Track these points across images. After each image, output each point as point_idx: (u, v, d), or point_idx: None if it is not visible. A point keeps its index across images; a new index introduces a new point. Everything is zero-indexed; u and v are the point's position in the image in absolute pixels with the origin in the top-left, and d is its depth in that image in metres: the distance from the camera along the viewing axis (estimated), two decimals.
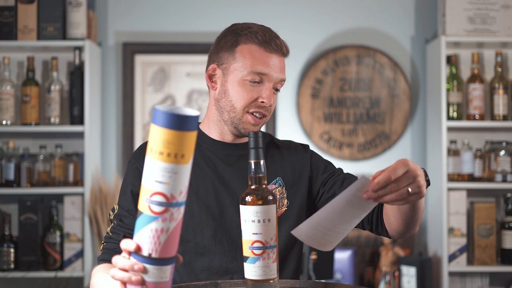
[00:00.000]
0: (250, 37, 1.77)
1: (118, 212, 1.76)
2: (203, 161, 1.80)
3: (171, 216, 1.21)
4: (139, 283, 1.23)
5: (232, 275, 1.73)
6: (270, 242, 1.43)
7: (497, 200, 3.79)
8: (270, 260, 1.44)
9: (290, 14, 3.94)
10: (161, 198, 1.19)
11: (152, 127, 1.19)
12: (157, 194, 1.19)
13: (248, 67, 1.74)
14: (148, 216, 1.21)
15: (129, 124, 3.87)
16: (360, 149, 3.92)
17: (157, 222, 1.21)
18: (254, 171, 1.45)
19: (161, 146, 1.18)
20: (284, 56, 1.81)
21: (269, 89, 1.75)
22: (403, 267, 3.64)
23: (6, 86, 3.59)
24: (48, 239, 3.54)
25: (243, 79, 1.75)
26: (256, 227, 1.42)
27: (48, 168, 3.61)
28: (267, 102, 1.75)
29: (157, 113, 1.17)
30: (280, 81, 1.78)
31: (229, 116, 1.77)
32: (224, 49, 1.79)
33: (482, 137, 3.83)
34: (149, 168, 1.20)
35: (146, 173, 1.21)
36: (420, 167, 1.43)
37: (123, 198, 1.78)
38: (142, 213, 1.22)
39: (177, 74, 3.89)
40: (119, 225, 1.73)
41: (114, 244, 1.70)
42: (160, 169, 1.18)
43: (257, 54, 1.75)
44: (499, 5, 3.66)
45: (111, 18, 3.92)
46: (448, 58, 3.71)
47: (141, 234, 1.23)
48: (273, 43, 1.77)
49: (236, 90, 1.75)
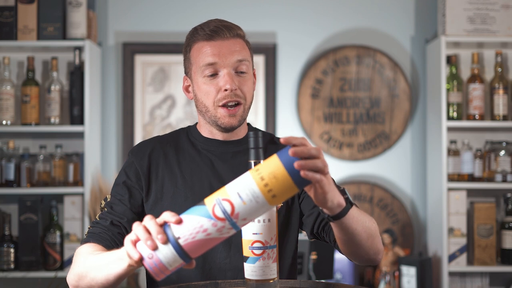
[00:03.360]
0: (195, 36, 1.80)
1: (110, 201, 1.78)
2: (199, 157, 1.82)
3: (222, 228, 1.28)
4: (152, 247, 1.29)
5: (226, 272, 1.73)
6: (270, 242, 1.43)
7: (497, 200, 3.79)
8: (270, 260, 1.44)
9: (290, 14, 3.94)
10: (228, 208, 1.27)
11: (276, 160, 1.28)
12: (228, 202, 1.27)
13: (201, 63, 1.77)
14: (207, 212, 1.28)
15: (129, 124, 3.87)
16: (360, 149, 3.92)
17: (209, 222, 1.27)
18: None
19: (270, 180, 1.26)
20: (233, 37, 1.78)
21: (226, 75, 1.75)
22: (403, 267, 3.64)
23: (6, 86, 3.59)
24: (48, 239, 3.54)
25: (202, 76, 1.77)
26: (256, 227, 1.42)
27: (48, 168, 3.61)
28: (230, 86, 1.74)
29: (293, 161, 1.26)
30: (237, 63, 1.76)
31: (208, 116, 1.79)
32: (184, 58, 1.86)
33: (482, 137, 3.83)
34: (242, 180, 1.28)
35: (236, 181, 1.29)
36: (342, 187, 1.51)
37: (116, 188, 1.81)
38: (204, 205, 1.29)
39: (177, 74, 3.89)
40: (108, 212, 1.75)
41: (99, 228, 1.71)
42: (250, 190, 1.26)
43: (204, 48, 1.77)
44: (499, 5, 3.66)
45: (111, 18, 3.92)
46: (448, 58, 3.71)
47: (189, 218, 1.29)
48: (214, 32, 1.76)
49: (202, 90, 1.78)
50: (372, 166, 3.95)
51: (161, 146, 1.84)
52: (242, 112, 1.79)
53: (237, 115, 1.77)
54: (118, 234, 1.71)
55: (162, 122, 3.89)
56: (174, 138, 1.88)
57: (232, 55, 1.76)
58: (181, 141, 1.87)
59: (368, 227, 1.61)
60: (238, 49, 1.77)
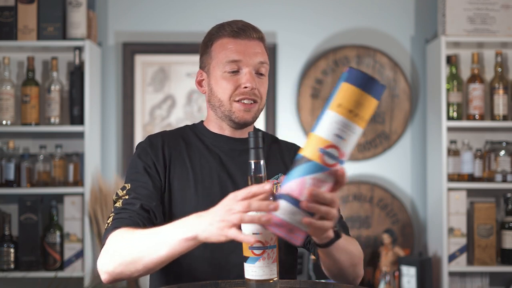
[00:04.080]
0: (220, 32, 1.83)
1: (131, 187, 1.73)
2: (208, 152, 1.83)
3: (336, 173, 1.27)
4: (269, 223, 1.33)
5: (230, 269, 1.74)
6: (270, 242, 1.43)
7: (497, 200, 3.79)
8: (270, 260, 1.44)
9: (290, 14, 3.94)
10: (335, 152, 1.24)
11: (344, 86, 1.25)
12: (333, 148, 1.24)
13: (224, 59, 1.79)
14: (318, 165, 1.26)
15: (129, 124, 3.87)
16: (360, 149, 3.92)
17: (324, 174, 1.26)
18: (254, 171, 1.45)
19: (349, 104, 1.23)
20: (258, 40, 1.82)
21: (248, 74, 1.78)
22: (403, 267, 3.64)
23: (6, 86, 3.59)
24: (48, 239, 3.54)
25: (222, 72, 1.79)
26: (256, 227, 1.42)
27: (48, 168, 3.61)
28: (250, 85, 1.77)
29: (354, 73, 1.25)
30: (259, 64, 1.80)
31: (221, 111, 1.81)
32: (203, 53, 1.87)
33: (482, 137, 3.83)
34: (330, 121, 1.25)
35: (325, 124, 1.26)
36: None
37: (134, 175, 1.76)
38: (310, 160, 1.26)
39: (177, 74, 3.89)
40: (134, 197, 1.70)
41: (128, 213, 1.66)
42: (342, 125, 1.24)
43: (229, 44, 1.80)
44: (499, 5, 3.66)
45: (111, 18, 3.92)
46: (448, 58, 3.71)
47: (303, 180, 1.28)
48: (241, 31, 1.80)
49: (219, 85, 1.80)
50: (372, 166, 3.95)
51: (170, 139, 1.85)
52: (257, 111, 1.82)
53: (252, 111, 1.80)
54: (148, 219, 1.68)
55: (162, 122, 3.89)
56: (181, 133, 1.89)
57: (255, 56, 1.79)
58: (188, 136, 1.88)
59: (352, 255, 1.69)
60: (260, 51, 1.81)
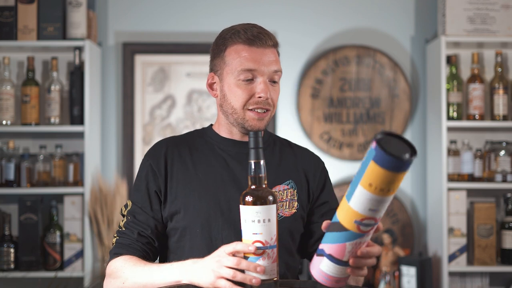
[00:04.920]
0: (234, 38, 1.81)
1: (131, 209, 1.83)
2: (214, 157, 1.84)
3: (369, 233, 1.40)
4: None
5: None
6: (270, 242, 1.43)
7: (497, 200, 3.79)
8: (270, 260, 1.44)
9: (290, 14, 3.94)
10: (371, 222, 1.37)
11: (376, 168, 1.30)
12: (368, 219, 1.36)
13: (238, 67, 1.78)
14: (356, 234, 1.38)
15: (129, 124, 3.87)
16: (360, 149, 3.92)
17: (362, 238, 1.40)
18: (254, 171, 1.45)
19: (383, 185, 1.31)
20: (273, 47, 1.83)
21: (263, 83, 1.78)
22: (403, 267, 3.64)
23: (6, 86, 3.59)
24: (48, 239, 3.54)
25: (236, 79, 1.78)
26: (256, 227, 1.42)
27: (48, 168, 3.61)
28: (264, 96, 1.78)
29: (389, 160, 1.28)
30: (273, 73, 1.81)
31: (233, 118, 1.82)
32: (216, 56, 1.85)
33: (482, 137, 3.83)
34: (364, 198, 1.34)
35: (359, 200, 1.35)
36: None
37: (136, 194, 1.84)
38: (347, 230, 1.38)
39: (177, 74, 3.89)
40: (132, 221, 1.80)
41: (128, 240, 1.79)
42: (376, 201, 1.33)
43: (244, 52, 1.79)
44: (499, 5, 3.66)
45: (111, 18, 3.92)
46: (448, 58, 3.71)
47: (344, 246, 1.40)
48: (257, 38, 1.79)
49: (233, 92, 1.80)
50: None
51: (175, 145, 1.87)
52: (269, 118, 1.83)
53: (264, 119, 1.81)
54: (147, 244, 1.80)
55: (162, 122, 3.89)
56: (187, 139, 1.90)
57: (270, 65, 1.80)
58: (195, 141, 1.89)
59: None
60: (275, 59, 1.82)
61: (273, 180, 1.80)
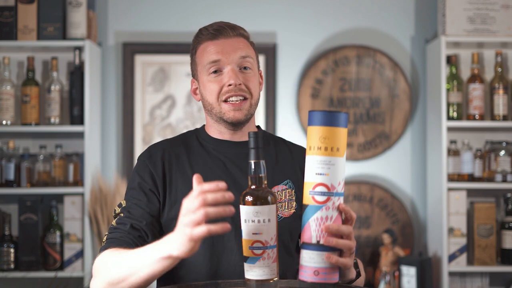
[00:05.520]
0: (199, 38, 1.83)
1: (125, 206, 1.76)
2: (210, 160, 1.82)
3: (333, 205, 1.36)
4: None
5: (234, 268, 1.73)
6: (270, 242, 1.43)
7: (497, 200, 3.79)
8: (270, 260, 1.44)
9: (290, 14, 3.94)
10: (323, 189, 1.34)
11: (309, 129, 1.38)
12: (319, 185, 1.35)
13: (205, 62, 1.79)
14: (313, 206, 1.36)
15: (129, 124, 3.87)
16: (360, 149, 3.92)
17: (322, 211, 1.35)
18: (254, 171, 1.45)
19: (318, 142, 1.35)
20: (238, 36, 1.82)
21: (230, 71, 1.77)
22: (403, 267, 3.64)
23: (6, 86, 3.59)
24: (48, 239, 3.54)
25: (207, 75, 1.79)
26: (256, 227, 1.42)
27: (48, 168, 3.61)
28: (233, 82, 1.76)
29: (313, 115, 1.37)
30: (241, 59, 1.79)
31: (214, 114, 1.81)
32: (191, 62, 1.87)
33: (482, 137, 3.83)
34: (309, 164, 1.36)
35: (307, 169, 1.37)
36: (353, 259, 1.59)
37: (130, 192, 1.79)
38: (307, 205, 1.37)
39: (177, 74, 3.89)
40: (126, 216, 1.74)
41: (119, 233, 1.70)
42: (320, 162, 1.35)
43: (208, 47, 1.80)
44: (499, 5, 3.66)
45: (111, 18, 3.92)
46: (448, 58, 3.71)
47: (308, 225, 1.37)
48: (218, 31, 1.80)
49: (206, 88, 1.80)
50: (372, 166, 3.95)
51: (171, 148, 1.84)
52: (249, 107, 1.80)
53: (243, 109, 1.78)
54: (139, 238, 1.71)
55: (162, 122, 3.89)
56: (183, 140, 1.88)
57: (235, 52, 1.78)
58: (191, 143, 1.87)
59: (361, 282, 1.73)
60: (241, 46, 1.80)
61: (271, 181, 1.78)
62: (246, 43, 1.82)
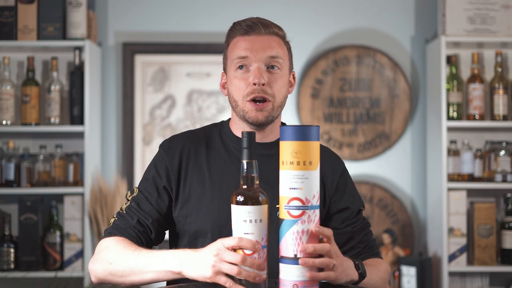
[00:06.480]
0: (232, 32, 1.82)
1: (137, 196, 1.80)
2: (229, 159, 1.82)
3: (308, 218, 1.37)
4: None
5: None
6: (261, 242, 1.43)
7: (497, 200, 3.79)
8: (260, 260, 1.44)
9: (290, 14, 3.94)
10: (298, 203, 1.36)
11: (281, 144, 1.40)
12: (294, 200, 1.36)
13: (234, 57, 1.78)
14: (289, 220, 1.38)
15: (129, 124, 3.87)
16: (360, 149, 3.92)
17: (297, 225, 1.37)
18: (246, 171, 1.45)
19: (291, 157, 1.37)
20: (271, 34, 1.79)
21: (257, 69, 1.75)
22: (403, 267, 3.64)
23: (6, 86, 3.59)
24: (48, 239, 3.54)
25: (234, 70, 1.79)
26: (247, 227, 1.42)
27: (48, 168, 3.61)
28: (258, 81, 1.74)
29: (285, 130, 1.39)
30: (269, 59, 1.77)
31: (237, 111, 1.80)
32: (223, 55, 1.87)
33: (482, 137, 3.82)
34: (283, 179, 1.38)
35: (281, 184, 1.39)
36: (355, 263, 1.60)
37: (144, 183, 1.82)
38: (283, 220, 1.39)
39: (177, 74, 3.89)
40: (135, 208, 1.78)
41: (125, 224, 1.76)
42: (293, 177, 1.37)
43: (239, 42, 1.79)
44: (499, 5, 3.65)
45: (111, 18, 3.92)
46: (448, 58, 3.71)
47: (285, 239, 1.39)
48: (250, 27, 1.78)
49: (233, 84, 1.79)
50: (372, 166, 3.95)
51: (192, 142, 1.84)
52: (271, 110, 1.78)
53: (264, 110, 1.77)
54: (143, 233, 1.77)
55: (162, 122, 3.89)
56: (206, 134, 1.87)
57: (264, 51, 1.76)
58: (213, 138, 1.86)
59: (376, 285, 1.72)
60: (272, 45, 1.78)
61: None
62: (279, 42, 1.79)
